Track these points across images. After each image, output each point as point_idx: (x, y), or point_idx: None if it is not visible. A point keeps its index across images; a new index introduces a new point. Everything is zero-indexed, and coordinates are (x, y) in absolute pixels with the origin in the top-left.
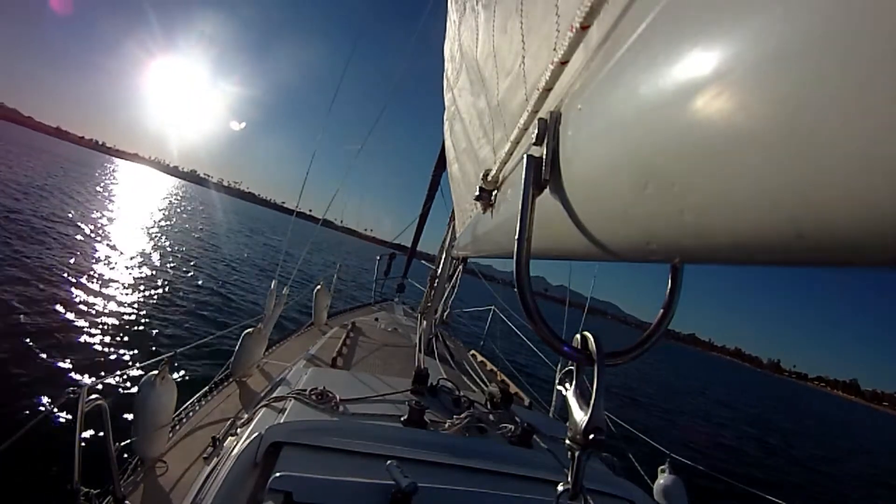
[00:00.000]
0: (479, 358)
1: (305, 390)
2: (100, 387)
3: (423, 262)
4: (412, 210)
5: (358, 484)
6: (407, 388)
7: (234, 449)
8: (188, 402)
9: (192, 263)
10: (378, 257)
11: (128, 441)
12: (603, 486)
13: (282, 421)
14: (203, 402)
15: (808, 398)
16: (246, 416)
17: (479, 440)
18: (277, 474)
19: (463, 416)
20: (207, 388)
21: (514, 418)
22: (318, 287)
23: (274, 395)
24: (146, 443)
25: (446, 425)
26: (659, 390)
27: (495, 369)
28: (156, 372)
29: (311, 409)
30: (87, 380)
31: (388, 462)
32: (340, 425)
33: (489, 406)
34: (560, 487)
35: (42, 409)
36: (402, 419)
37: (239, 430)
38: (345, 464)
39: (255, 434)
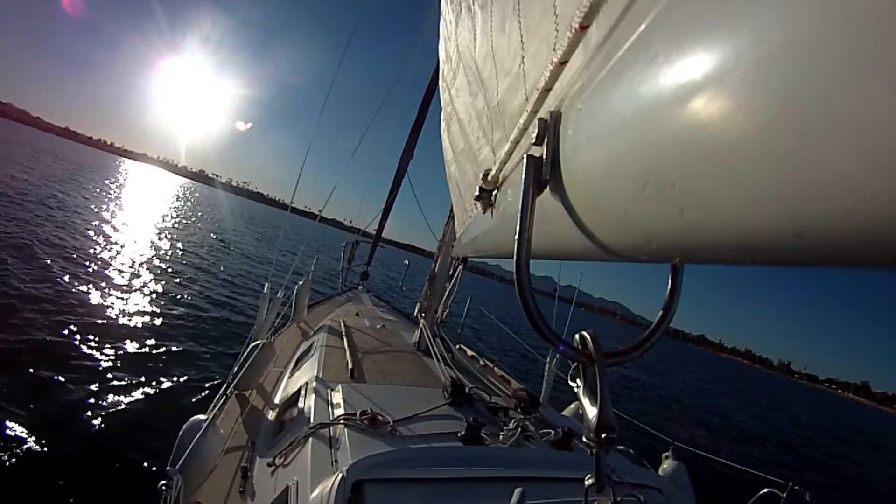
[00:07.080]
0: (469, 352)
1: (354, 414)
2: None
3: (388, 246)
4: (403, 202)
5: None
6: (444, 401)
7: (312, 493)
8: None
9: (208, 270)
10: (343, 245)
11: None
12: (631, 477)
13: (352, 456)
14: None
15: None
16: (278, 443)
17: (530, 450)
18: None
19: (512, 426)
20: (212, 406)
21: (548, 422)
22: (301, 282)
23: (313, 421)
24: (188, 488)
25: (500, 438)
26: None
27: (489, 364)
28: (205, 417)
29: (368, 436)
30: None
31: (517, 489)
32: (413, 455)
33: (520, 411)
34: (587, 482)
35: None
36: (458, 435)
37: (278, 461)
38: (425, 494)
39: (338, 476)
